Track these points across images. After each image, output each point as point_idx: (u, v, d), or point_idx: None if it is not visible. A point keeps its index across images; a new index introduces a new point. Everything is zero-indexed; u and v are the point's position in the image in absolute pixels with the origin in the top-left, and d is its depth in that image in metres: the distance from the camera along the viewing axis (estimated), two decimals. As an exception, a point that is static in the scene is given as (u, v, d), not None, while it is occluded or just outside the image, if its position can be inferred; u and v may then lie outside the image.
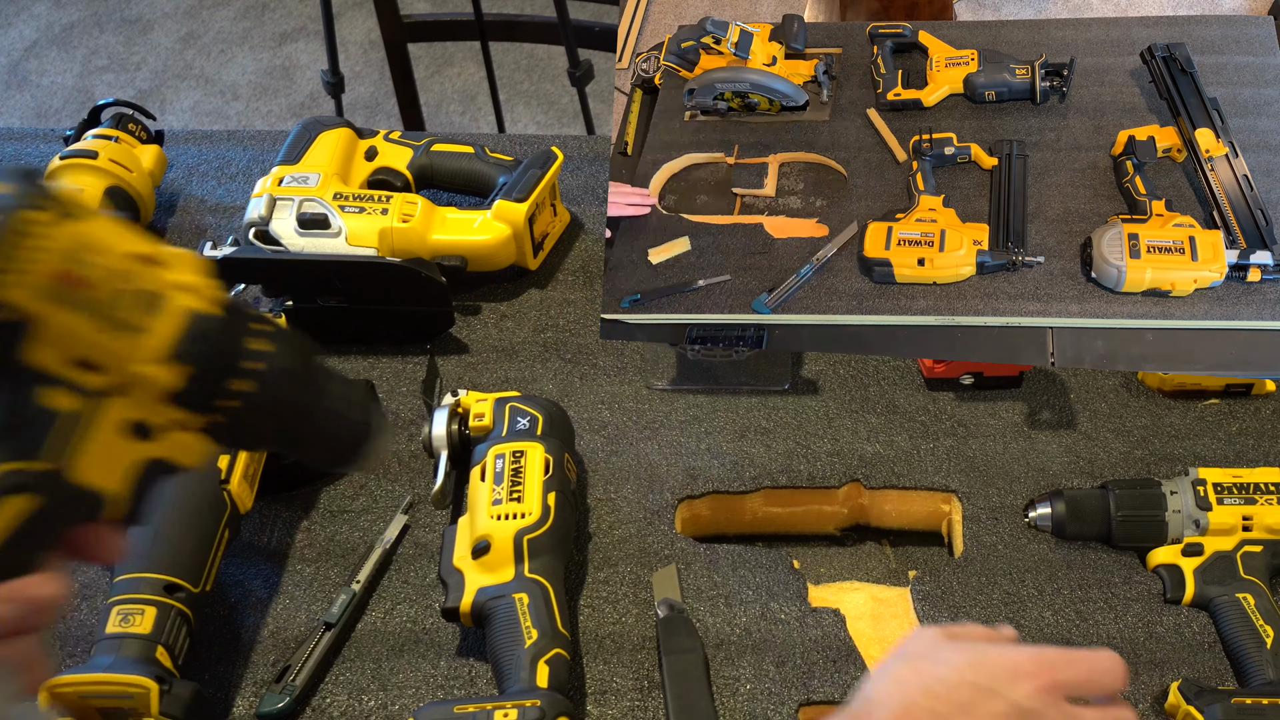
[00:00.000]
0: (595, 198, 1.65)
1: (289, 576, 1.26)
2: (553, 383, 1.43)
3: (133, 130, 1.60)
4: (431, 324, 1.46)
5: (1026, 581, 1.23)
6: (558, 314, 1.50)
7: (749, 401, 1.40)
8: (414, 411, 1.40)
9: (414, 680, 1.17)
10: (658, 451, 1.35)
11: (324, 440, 0.81)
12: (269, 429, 0.78)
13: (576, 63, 2.41)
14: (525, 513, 1.17)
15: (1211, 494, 1.22)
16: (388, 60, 2.55)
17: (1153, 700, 1.13)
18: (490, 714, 1.03)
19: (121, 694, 1.03)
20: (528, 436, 1.24)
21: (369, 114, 3.69)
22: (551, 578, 1.15)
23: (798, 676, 1.16)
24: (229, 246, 1.42)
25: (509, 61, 3.76)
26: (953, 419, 1.37)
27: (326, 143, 1.54)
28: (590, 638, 1.20)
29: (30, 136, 1.78)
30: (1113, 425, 1.36)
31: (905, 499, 1.32)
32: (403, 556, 1.27)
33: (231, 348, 0.74)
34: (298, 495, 1.32)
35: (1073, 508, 1.25)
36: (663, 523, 1.29)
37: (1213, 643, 1.17)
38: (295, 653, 1.17)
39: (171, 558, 1.13)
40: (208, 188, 1.69)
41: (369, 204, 1.47)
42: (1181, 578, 1.20)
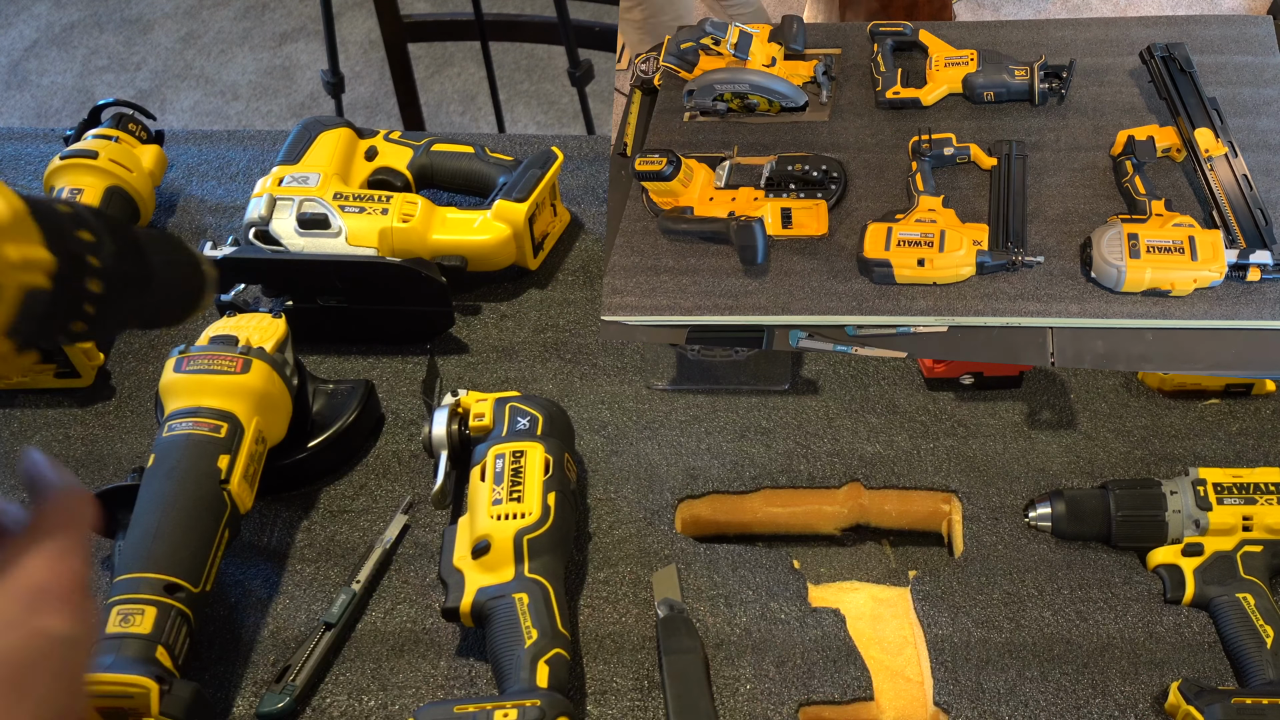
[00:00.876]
0: (595, 198, 1.65)
1: (289, 576, 1.26)
2: (553, 383, 1.43)
3: (133, 130, 1.60)
4: (431, 324, 1.46)
5: (1026, 581, 1.23)
6: (558, 314, 1.50)
7: (749, 401, 1.40)
8: (414, 411, 1.40)
9: (414, 680, 1.17)
10: (658, 451, 1.35)
11: (168, 307, 0.87)
12: (113, 326, 0.82)
13: (576, 63, 2.42)
14: (525, 513, 1.17)
15: (1211, 494, 1.22)
16: (388, 60, 2.55)
17: (1153, 700, 1.13)
18: (490, 714, 1.03)
19: (121, 694, 1.03)
20: (528, 436, 1.24)
21: (369, 114, 3.69)
22: (551, 578, 1.15)
23: (798, 676, 1.16)
24: (229, 246, 1.43)
25: (509, 61, 3.77)
26: (953, 419, 1.37)
27: (326, 143, 1.55)
28: (590, 638, 1.20)
29: (30, 136, 1.78)
30: (1113, 425, 1.36)
31: (905, 499, 1.32)
32: (403, 556, 1.27)
33: (66, 306, 0.75)
34: (298, 495, 1.33)
35: (1073, 508, 1.25)
36: (663, 523, 1.29)
37: (1213, 643, 1.17)
38: (295, 653, 1.17)
39: (171, 558, 1.12)
40: (208, 188, 1.69)
41: (369, 204, 1.48)
42: (1181, 578, 1.20)
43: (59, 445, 1.38)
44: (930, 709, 1.15)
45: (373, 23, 3.46)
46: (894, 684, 1.17)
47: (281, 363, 1.27)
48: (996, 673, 1.15)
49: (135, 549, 1.13)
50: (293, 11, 4.13)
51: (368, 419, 1.37)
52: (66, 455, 1.37)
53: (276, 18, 4.11)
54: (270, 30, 4.06)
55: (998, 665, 1.16)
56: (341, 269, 1.42)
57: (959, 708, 1.13)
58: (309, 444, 1.32)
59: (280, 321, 1.30)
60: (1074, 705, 1.13)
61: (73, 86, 3.88)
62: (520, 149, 1.60)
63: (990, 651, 1.17)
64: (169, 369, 1.24)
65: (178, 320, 0.89)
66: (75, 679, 0.69)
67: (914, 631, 1.20)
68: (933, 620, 1.20)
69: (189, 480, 1.17)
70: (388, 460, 1.36)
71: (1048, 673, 1.15)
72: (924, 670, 1.17)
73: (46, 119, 3.77)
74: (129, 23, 4.11)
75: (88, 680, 0.78)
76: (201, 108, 3.80)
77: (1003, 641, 1.18)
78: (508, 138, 1.76)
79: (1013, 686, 1.14)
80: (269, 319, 1.30)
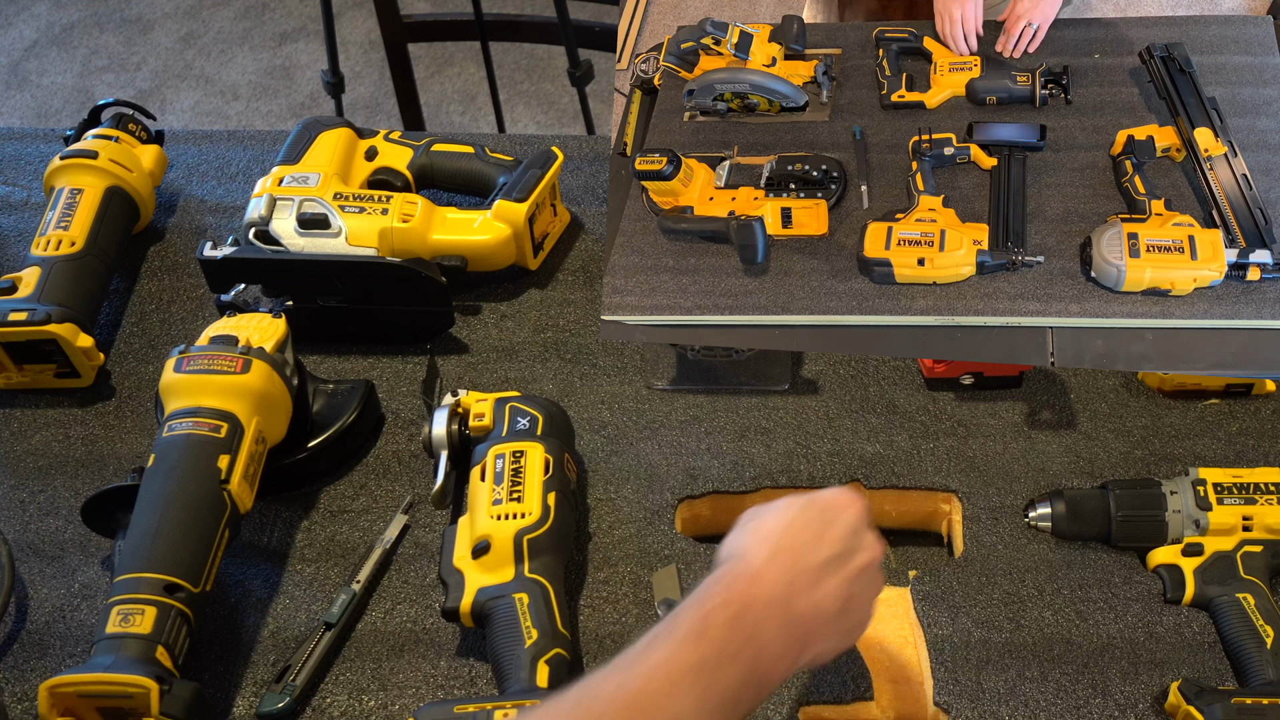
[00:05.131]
0: (595, 198, 1.65)
1: (289, 576, 1.26)
2: (553, 383, 1.43)
3: (133, 130, 1.60)
4: (431, 324, 1.46)
5: (1026, 581, 1.23)
6: (558, 314, 1.50)
7: (749, 401, 1.40)
8: (414, 411, 1.40)
9: (414, 680, 1.17)
10: (658, 451, 1.35)
11: None
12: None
13: (576, 63, 2.41)
14: (525, 513, 1.17)
15: (1211, 494, 1.22)
16: (388, 60, 2.55)
17: (1153, 700, 1.13)
18: (490, 714, 1.03)
19: (121, 694, 1.03)
20: (528, 436, 1.24)
21: (369, 114, 3.69)
22: (551, 578, 1.15)
23: (798, 677, 1.15)
24: (229, 246, 1.42)
25: (509, 61, 3.76)
26: (953, 419, 1.37)
27: (326, 143, 1.54)
28: (590, 638, 1.20)
29: (30, 136, 1.78)
30: (1113, 425, 1.36)
31: (905, 499, 1.32)
32: (403, 556, 1.27)
33: None
34: (298, 495, 1.33)
35: (1073, 508, 1.25)
36: (663, 523, 1.29)
37: (1213, 643, 1.17)
38: (295, 653, 1.18)
39: (172, 558, 1.13)
40: (208, 188, 1.69)
41: (369, 204, 1.47)
42: (1181, 578, 1.20)
43: (59, 445, 1.38)
44: (930, 709, 1.15)
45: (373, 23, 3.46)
46: (894, 684, 1.17)
47: (281, 363, 1.27)
48: (996, 673, 1.15)
49: (135, 549, 1.13)
50: (293, 11, 4.12)
51: (368, 419, 1.37)
52: (66, 455, 1.37)
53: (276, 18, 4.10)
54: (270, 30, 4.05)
55: (998, 665, 1.16)
56: (341, 269, 1.42)
57: (959, 708, 1.13)
58: (309, 444, 1.32)
59: (280, 321, 1.30)
60: (1074, 705, 1.13)
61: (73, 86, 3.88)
62: (520, 149, 1.60)
63: (990, 651, 1.17)
64: (169, 369, 1.24)
65: None
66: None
67: (914, 631, 1.20)
68: (933, 620, 1.20)
69: (189, 480, 1.17)
70: (388, 460, 1.36)
71: (1048, 673, 1.15)
72: (924, 670, 1.17)
73: (47, 119, 3.77)
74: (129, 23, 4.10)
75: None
76: (201, 108, 3.80)
77: (1003, 641, 1.18)
78: (508, 138, 1.76)
79: (1013, 686, 1.14)
80: (269, 319, 1.30)
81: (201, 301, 1.53)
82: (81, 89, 3.87)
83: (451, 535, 1.20)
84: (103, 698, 1.04)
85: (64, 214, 1.48)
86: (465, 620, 1.15)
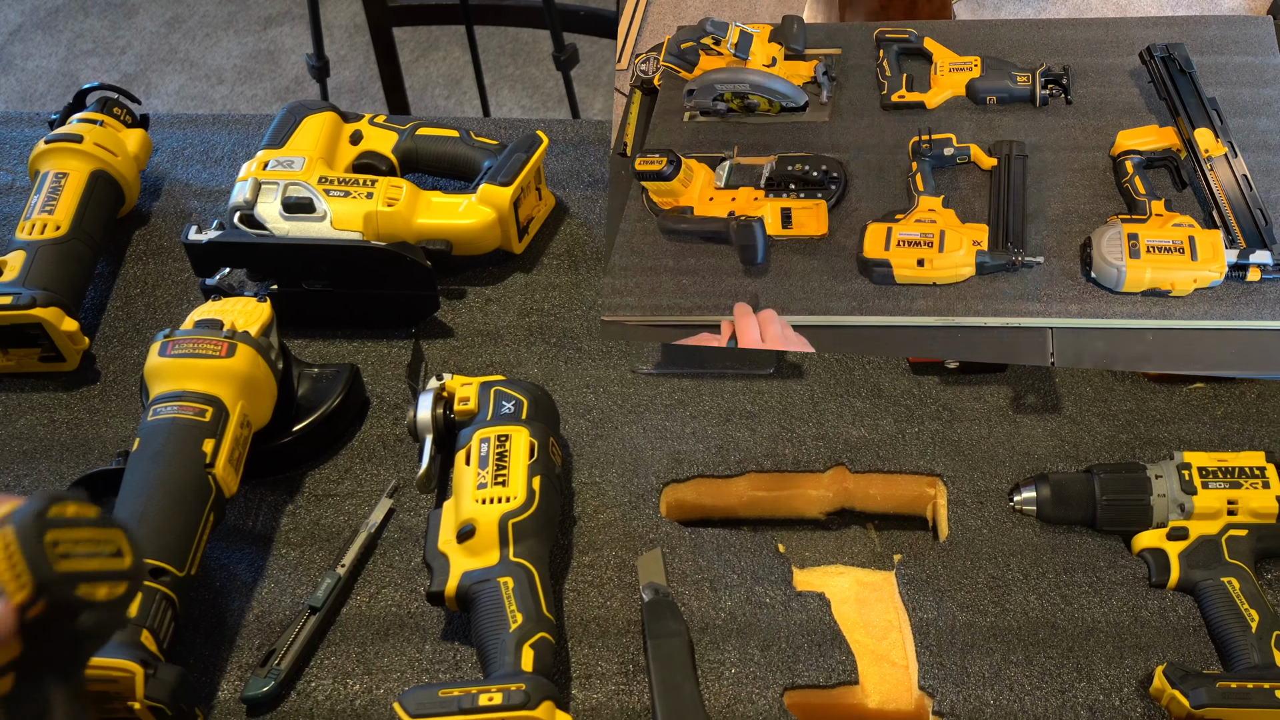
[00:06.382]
0: (580, 182, 1.64)
1: (274, 560, 1.26)
2: (538, 367, 1.43)
3: (118, 114, 1.59)
4: (417, 308, 1.46)
5: (1011, 565, 1.23)
6: (543, 298, 1.50)
7: (734, 385, 1.40)
8: (399, 395, 1.40)
9: (399, 664, 1.17)
10: (643, 435, 1.35)
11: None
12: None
13: (561, 47, 2.41)
14: (510, 497, 1.17)
15: (1196, 478, 1.22)
16: (373, 44, 2.54)
17: (1138, 684, 1.14)
18: (475, 697, 1.03)
19: (106, 678, 1.03)
20: (513, 420, 1.24)
21: (354, 98, 3.68)
22: (536, 562, 1.15)
23: (782, 660, 1.16)
24: (214, 230, 1.42)
25: (494, 45, 3.75)
26: (938, 403, 1.37)
27: (311, 127, 1.54)
28: (575, 622, 1.20)
29: (15, 120, 1.78)
30: (1097, 409, 1.36)
31: (890, 483, 1.33)
32: (388, 540, 1.27)
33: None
34: (283, 479, 1.32)
35: (1057, 492, 1.25)
36: (648, 507, 1.29)
37: (1198, 627, 1.18)
38: (280, 637, 1.17)
39: (156, 542, 1.12)
40: (193, 172, 1.68)
41: (354, 188, 1.47)
42: (1166, 562, 1.21)
43: (44, 429, 1.38)
44: (915, 693, 1.15)
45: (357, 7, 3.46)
46: (879, 668, 1.17)
47: (266, 347, 1.27)
48: (981, 656, 1.16)
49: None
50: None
51: (353, 403, 1.37)
52: (51, 439, 1.37)
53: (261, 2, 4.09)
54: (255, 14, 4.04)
55: (982, 649, 1.16)
56: (326, 253, 1.41)
57: (944, 691, 1.13)
58: (294, 428, 1.32)
59: (265, 305, 1.30)
60: (1059, 689, 1.13)
61: (57, 70, 3.86)
62: (505, 133, 1.60)
63: (975, 635, 1.17)
64: (154, 353, 1.23)
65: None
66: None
67: (899, 615, 1.20)
68: (918, 604, 1.20)
69: (174, 464, 1.17)
70: (372, 444, 1.36)
71: (1032, 657, 1.16)
72: (909, 654, 1.17)
73: (31, 103, 3.75)
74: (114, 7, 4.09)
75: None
76: (186, 92, 3.79)
77: (988, 625, 1.18)
78: (493, 122, 1.76)
79: (997, 670, 1.15)
80: (254, 303, 1.30)
81: (186, 285, 1.53)
82: (66, 73, 3.86)
83: (436, 519, 1.20)
84: (87, 682, 1.04)
85: (49, 198, 1.48)
86: (450, 604, 1.15)
